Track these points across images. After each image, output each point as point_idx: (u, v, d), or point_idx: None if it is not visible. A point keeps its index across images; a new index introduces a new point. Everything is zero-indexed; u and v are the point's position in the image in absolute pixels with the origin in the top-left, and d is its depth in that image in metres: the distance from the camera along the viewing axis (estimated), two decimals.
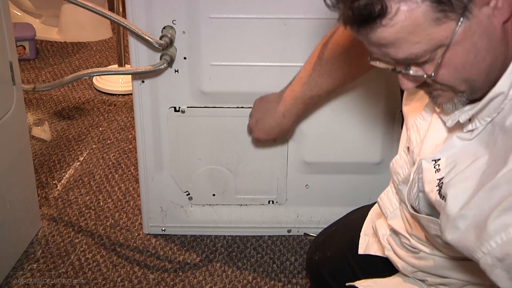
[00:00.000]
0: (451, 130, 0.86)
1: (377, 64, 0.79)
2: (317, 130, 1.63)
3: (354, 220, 1.25)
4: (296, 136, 1.65)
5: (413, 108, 0.97)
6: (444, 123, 0.86)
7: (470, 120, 0.81)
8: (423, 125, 0.92)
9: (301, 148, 1.66)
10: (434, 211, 0.87)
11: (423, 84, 0.80)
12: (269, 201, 1.75)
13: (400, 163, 0.98)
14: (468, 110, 0.80)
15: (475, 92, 0.78)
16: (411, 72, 0.76)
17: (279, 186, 1.73)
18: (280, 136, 1.54)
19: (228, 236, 1.79)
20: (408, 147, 0.96)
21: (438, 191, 0.82)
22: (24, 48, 2.91)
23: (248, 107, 1.60)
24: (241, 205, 1.77)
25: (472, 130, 0.81)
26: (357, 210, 1.33)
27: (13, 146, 1.61)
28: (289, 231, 1.79)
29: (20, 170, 1.66)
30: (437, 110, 0.88)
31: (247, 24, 1.48)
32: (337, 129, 1.64)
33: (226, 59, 1.53)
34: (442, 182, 0.82)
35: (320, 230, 1.41)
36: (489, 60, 0.74)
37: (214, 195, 1.74)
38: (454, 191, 0.79)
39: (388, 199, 1.04)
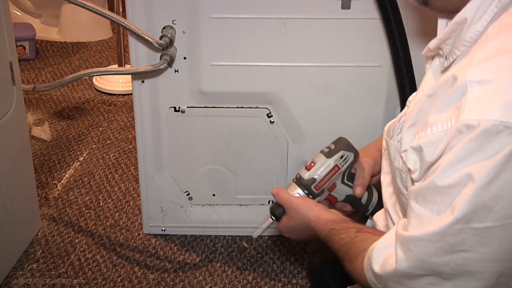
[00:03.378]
0: (436, 77, 0.89)
1: None
2: (317, 130, 1.63)
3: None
4: (296, 136, 1.65)
5: None
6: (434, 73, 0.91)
7: (446, 58, 0.84)
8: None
9: (301, 148, 1.66)
10: None
11: None
12: (269, 201, 1.75)
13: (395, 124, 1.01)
14: (438, 36, 0.84)
15: None
16: None
17: (279, 186, 1.72)
18: None
19: (228, 236, 1.79)
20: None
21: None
22: (24, 48, 2.91)
23: (248, 107, 1.59)
24: (241, 205, 1.77)
25: (448, 68, 0.83)
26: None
27: (13, 146, 1.61)
28: None
29: (20, 170, 1.66)
30: None
31: (247, 24, 1.48)
32: (337, 129, 1.63)
33: (226, 59, 1.53)
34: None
35: None
36: None
37: (214, 195, 1.74)
38: (412, 107, 0.85)
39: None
